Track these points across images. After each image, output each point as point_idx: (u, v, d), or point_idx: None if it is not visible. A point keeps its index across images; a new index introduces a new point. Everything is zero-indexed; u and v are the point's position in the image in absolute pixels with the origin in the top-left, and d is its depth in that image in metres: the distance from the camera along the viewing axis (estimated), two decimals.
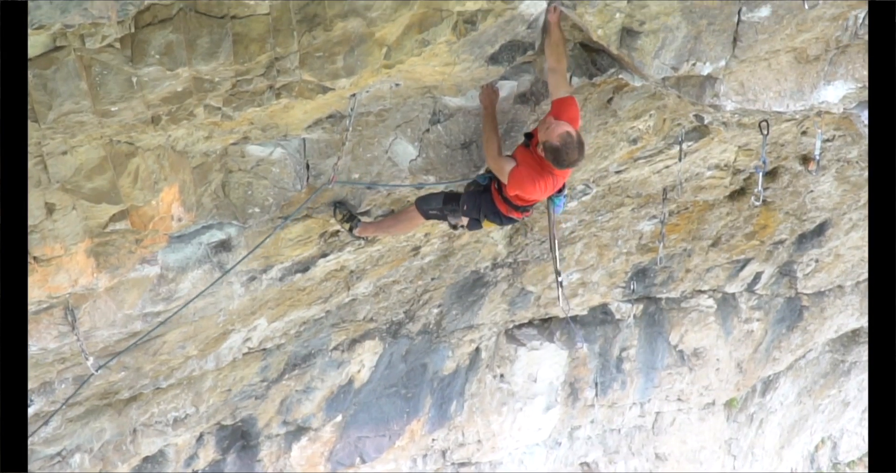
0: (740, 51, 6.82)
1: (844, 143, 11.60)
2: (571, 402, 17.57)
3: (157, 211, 7.21)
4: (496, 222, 8.21)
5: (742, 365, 18.92)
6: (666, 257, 14.29)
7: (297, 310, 10.91)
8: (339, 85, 6.28)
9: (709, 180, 12.06)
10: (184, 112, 6.20)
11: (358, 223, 8.64)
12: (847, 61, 7.37)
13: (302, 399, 13.27)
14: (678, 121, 9.52)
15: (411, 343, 13.93)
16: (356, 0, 5.69)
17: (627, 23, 6.48)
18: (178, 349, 9.81)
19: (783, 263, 16.15)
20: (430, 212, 8.27)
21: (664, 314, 17.06)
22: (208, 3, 5.44)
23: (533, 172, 7.34)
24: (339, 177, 7.88)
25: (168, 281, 8.18)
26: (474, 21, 6.27)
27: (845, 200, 13.79)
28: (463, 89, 7.41)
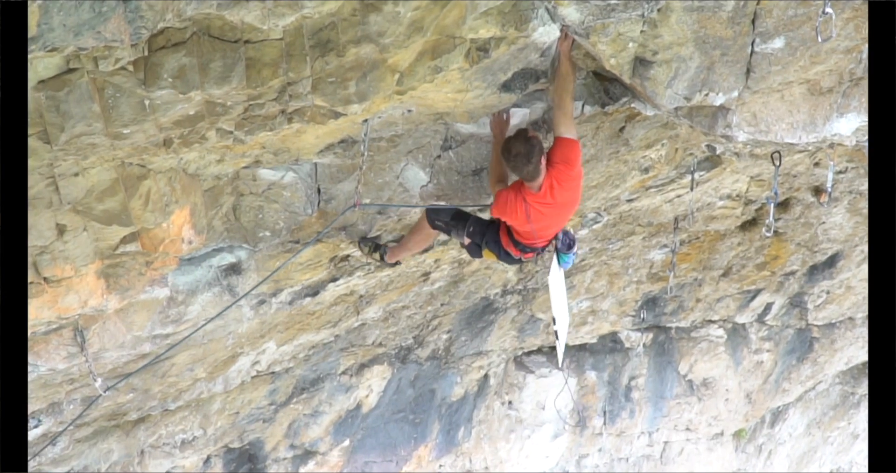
0: (753, 82, 6.80)
1: (857, 175, 11.57)
2: (579, 430, 17.50)
3: (168, 233, 7.21)
4: (494, 252, 8.13)
5: (751, 395, 18.84)
6: (676, 286, 14.26)
7: (306, 334, 10.89)
8: (351, 110, 6.27)
9: (720, 210, 12.04)
10: (196, 135, 6.19)
11: (386, 250, 8.72)
12: (860, 94, 7.35)
13: (310, 423, 13.24)
14: (690, 150, 9.51)
15: (420, 368, 13.90)
16: (369, 26, 5.69)
17: (640, 52, 6.47)
18: (187, 371, 9.80)
19: (794, 294, 16.11)
20: (437, 222, 8.21)
21: (674, 343, 17.01)
22: (222, 28, 5.44)
23: (511, 193, 7.34)
24: (361, 200, 7.87)
25: (177, 304, 8.17)
26: (487, 48, 6.26)
27: (857, 232, 13.75)
28: (475, 116, 7.40)
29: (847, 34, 6.55)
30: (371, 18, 5.65)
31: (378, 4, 5.59)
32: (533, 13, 6.10)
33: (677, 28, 6.26)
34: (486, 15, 5.95)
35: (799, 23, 6.38)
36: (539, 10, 6.09)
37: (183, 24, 5.28)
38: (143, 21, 4.64)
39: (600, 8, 5.83)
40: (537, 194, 7.24)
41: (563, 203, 7.43)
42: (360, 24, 5.67)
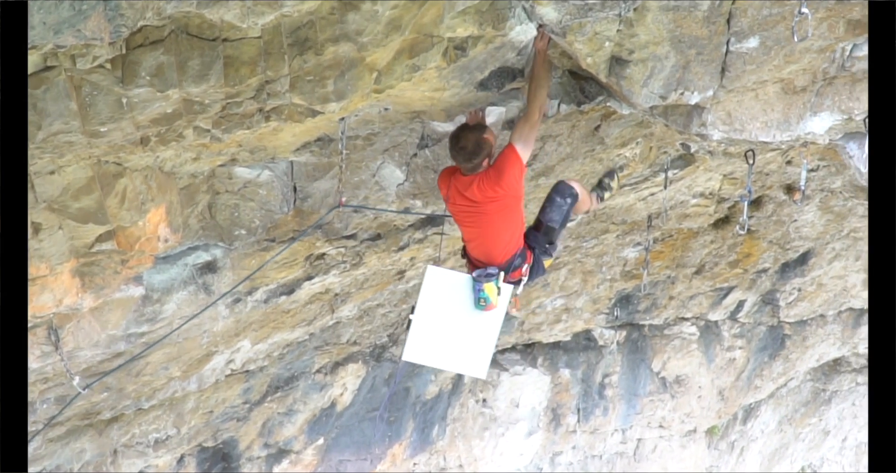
0: (728, 81, 6.83)
1: (829, 173, 11.66)
2: (553, 428, 17.55)
3: (144, 231, 7.20)
4: None
5: (724, 392, 18.94)
6: (650, 284, 14.31)
7: (280, 333, 10.88)
8: (328, 109, 6.27)
9: (694, 208, 12.10)
10: (173, 133, 6.18)
11: None
12: (834, 93, 7.40)
13: (284, 422, 13.22)
14: (664, 149, 9.56)
15: (394, 366, 13.90)
16: (347, 25, 5.69)
17: (617, 51, 6.49)
18: (161, 370, 9.77)
19: (766, 292, 16.20)
20: None
21: (647, 341, 17.08)
22: (200, 26, 5.43)
23: (448, 171, 7.27)
24: (345, 200, 7.88)
25: (153, 302, 8.15)
26: (464, 47, 6.28)
27: (829, 230, 13.85)
28: (452, 115, 7.41)
29: (821, 34, 6.59)
30: (349, 17, 5.65)
31: (356, 3, 5.60)
32: (510, 12, 6.12)
33: (653, 27, 6.29)
34: (463, 14, 5.96)
35: (773, 22, 6.42)
36: (516, 9, 6.11)
37: (162, 23, 5.27)
38: (123, 19, 4.63)
39: (577, 7, 5.85)
40: (462, 180, 7.06)
41: (484, 212, 7.11)
42: (339, 22, 5.67)
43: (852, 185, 12.13)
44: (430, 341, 7.98)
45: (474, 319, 7.77)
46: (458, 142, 6.88)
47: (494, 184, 6.88)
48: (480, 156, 6.85)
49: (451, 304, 7.80)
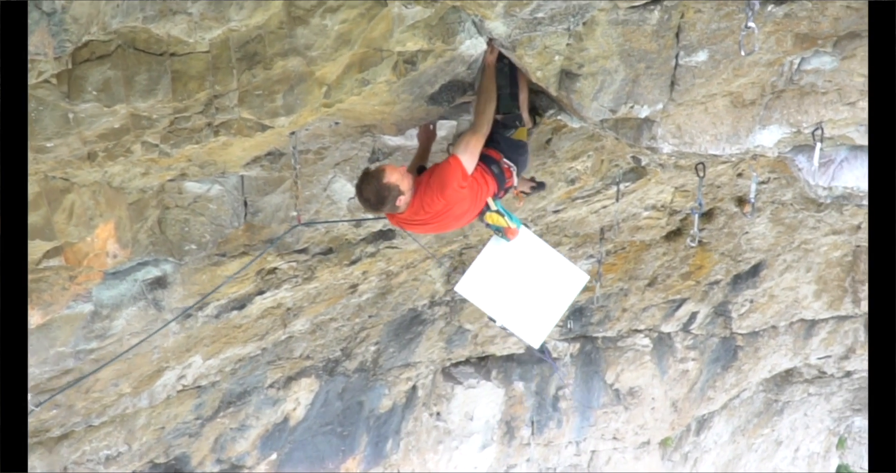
0: (678, 94, 6.87)
1: (779, 186, 11.74)
2: (507, 441, 17.55)
3: (92, 247, 7.13)
4: None
5: (677, 404, 19.02)
6: (603, 296, 14.36)
7: (232, 348, 10.82)
8: (278, 123, 6.24)
9: (645, 220, 12.15)
10: (121, 148, 6.13)
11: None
12: (782, 106, 7.45)
13: (236, 437, 13.14)
14: (616, 162, 9.59)
15: (348, 380, 13.87)
16: (297, 39, 5.67)
17: (566, 65, 6.51)
18: (112, 386, 9.69)
19: (718, 303, 16.30)
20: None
21: (600, 353, 17.13)
22: (147, 41, 5.39)
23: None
24: (302, 216, 7.85)
25: (102, 318, 8.09)
26: (415, 61, 6.27)
27: (780, 242, 13.95)
28: (402, 128, 7.40)
29: (769, 47, 6.63)
30: (298, 31, 5.63)
31: (305, 17, 5.58)
32: (460, 26, 6.12)
33: (602, 41, 6.31)
34: (413, 28, 5.96)
35: (722, 36, 6.46)
36: (466, 24, 6.11)
37: (108, 37, 5.23)
38: (67, 34, 4.59)
39: (527, 21, 5.86)
40: (404, 215, 6.84)
41: (444, 220, 6.96)
42: (288, 36, 5.66)
43: (802, 197, 12.23)
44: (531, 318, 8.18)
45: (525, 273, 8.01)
46: (360, 195, 6.60)
47: (438, 196, 6.69)
48: (388, 202, 6.57)
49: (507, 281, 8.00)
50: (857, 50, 6.95)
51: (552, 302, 8.30)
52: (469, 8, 5.22)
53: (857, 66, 7.17)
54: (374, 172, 6.53)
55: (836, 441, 25.62)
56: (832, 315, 17.67)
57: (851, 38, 6.76)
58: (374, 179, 6.51)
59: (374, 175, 6.53)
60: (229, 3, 5.22)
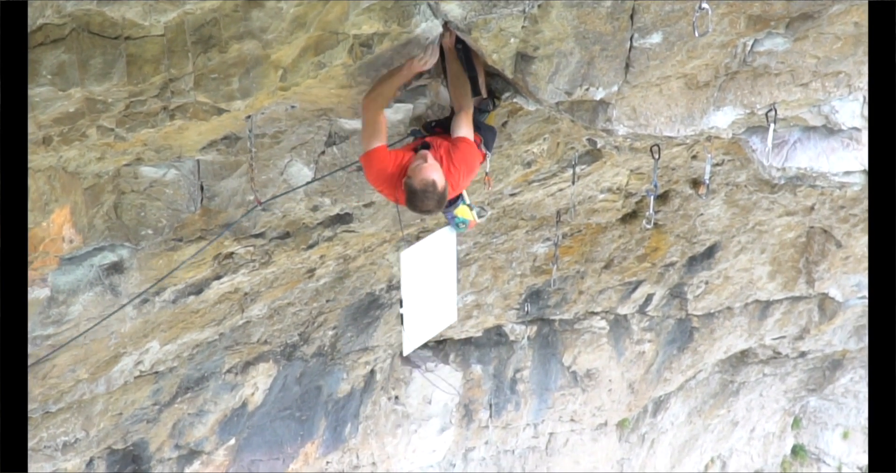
0: (632, 76, 6.91)
1: (733, 167, 11.83)
2: (466, 423, 17.61)
3: (48, 232, 7.10)
4: None
5: (634, 385, 19.14)
6: (559, 279, 14.42)
7: (190, 333, 10.79)
8: (234, 107, 6.23)
9: (601, 203, 12.21)
10: (76, 133, 6.11)
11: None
12: (736, 87, 7.52)
13: (194, 423, 13.11)
14: (572, 144, 9.63)
15: (306, 365, 13.86)
16: (252, 22, 5.67)
17: (522, 48, 6.53)
18: (69, 372, 9.64)
19: (674, 285, 16.40)
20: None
21: (557, 335, 17.20)
22: (102, 24, 5.37)
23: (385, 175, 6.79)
24: (260, 197, 7.86)
25: (58, 304, 8.05)
26: (370, 44, 6.27)
27: (734, 223, 14.05)
28: (359, 111, 7.40)
29: (722, 29, 6.69)
30: (253, 14, 5.63)
31: (260, 1, 5.58)
32: (415, 9, 6.12)
33: (557, 24, 6.33)
34: (368, 11, 5.96)
35: (676, 18, 6.50)
36: (421, 6, 6.12)
37: (62, 21, 5.21)
38: None
39: (482, 4, 5.89)
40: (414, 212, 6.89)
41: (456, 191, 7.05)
42: (243, 19, 5.65)
43: (756, 179, 12.33)
44: (419, 322, 8.15)
45: (442, 272, 8.14)
46: (420, 208, 6.61)
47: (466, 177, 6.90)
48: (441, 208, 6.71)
49: (430, 272, 8.04)
50: (809, 31, 7.02)
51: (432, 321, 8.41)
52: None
53: (809, 48, 7.24)
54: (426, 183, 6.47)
55: (792, 421, 25.88)
56: (786, 295, 17.82)
57: (804, 20, 6.83)
58: (431, 191, 6.49)
59: (429, 187, 6.47)
60: None
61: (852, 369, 22.91)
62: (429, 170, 6.51)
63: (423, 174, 6.48)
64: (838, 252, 15.81)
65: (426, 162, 6.56)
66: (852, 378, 23.48)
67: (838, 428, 26.01)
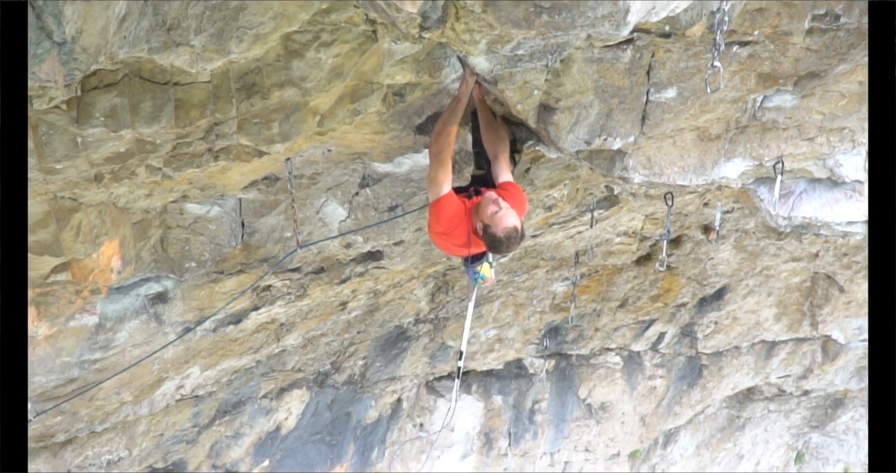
0: (648, 128, 6.88)
1: (742, 215, 11.76)
2: (486, 451, 17.48)
3: (98, 263, 7.12)
4: None
5: (645, 418, 18.98)
6: (577, 316, 14.34)
7: (228, 360, 10.78)
8: (274, 149, 6.25)
9: (618, 246, 12.15)
10: (126, 171, 6.13)
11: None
12: (746, 140, 7.48)
13: (231, 445, 13.07)
14: (590, 190, 9.60)
15: (337, 392, 13.81)
16: (292, 71, 5.69)
17: (544, 99, 6.52)
18: (114, 395, 9.64)
19: (685, 324, 16.28)
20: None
21: (574, 369, 17.09)
22: (152, 70, 5.40)
23: (455, 219, 6.53)
24: (301, 239, 7.85)
25: (106, 331, 8.06)
26: (403, 93, 6.29)
27: (743, 268, 13.95)
28: (391, 156, 7.41)
29: (734, 85, 6.66)
30: (294, 64, 5.65)
31: (301, 51, 5.60)
32: (445, 61, 6.14)
33: (578, 77, 6.32)
34: (401, 62, 5.98)
35: (690, 74, 6.48)
36: (451, 59, 6.13)
37: (115, 67, 5.24)
38: (76, 63, 4.58)
39: (508, 58, 5.87)
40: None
41: None
42: (284, 69, 5.67)
43: (764, 226, 12.25)
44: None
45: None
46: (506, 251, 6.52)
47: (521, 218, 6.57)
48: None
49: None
50: (815, 89, 6.99)
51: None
52: (454, 44, 5.23)
53: (815, 104, 7.21)
54: (509, 230, 6.29)
55: (795, 455, 25.58)
56: (791, 337, 17.66)
57: (811, 78, 6.80)
58: (515, 236, 6.32)
59: (512, 233, 6.30)
60: (230, 36, 5.23)
61: (853, 408, 22.63)
62: (507, 216, 6.27)
63: (504, 222, 6.25)
64: (841, 296, 15.66)
65: (500, 207, 6.30)
66: (853, 416, 23.18)
67: (839, 464, 25.67)
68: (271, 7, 5.18)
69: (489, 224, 6.27)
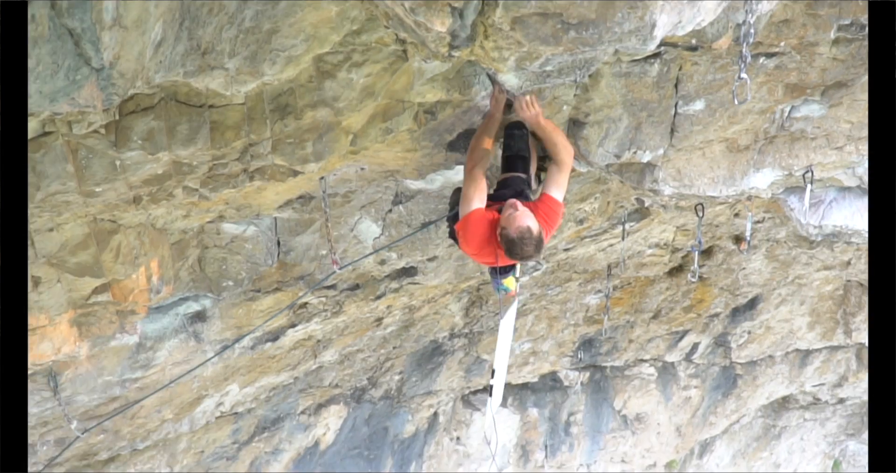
0: (677, 140, 6.88)
1: (773, 225, 11.71)
2: (523, 464, 17.44)
3: (137, 284, 7.17)
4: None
5: (681, 429, 18.88)
6: (610, 328, 14.32)
7: (267, 377, 10.82)
8: (308, 169, 6.28)
9: (649, 258, 12.12)
10: (163, 193, 6.18)
11: None
12: (774, 150, 7.46)
13: (270, 460, 13.10)
14: (621, 203, 9.59)
15: (374, 407, 13.83)
16: (325, 92, 5.72)
17: (574, 114, 6.53)
18: (155, 413, 9.70)
19: (718, 334, 16.20)
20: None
21: (609, 381, 17.04)
22: (188, 94, 5.45)
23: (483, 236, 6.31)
24: (337, 258, 7.89)
25: (146, 350, 8.11)
26: (434, 111, 6.30)
27: (775, 277, 13.88)
28: (423, 173, 7.42)
29: (761, 96, 6.65)
30: (326, 84, 5.68)
31: (333, 72, 5.63)
32: (475, 79, 6.15)
33: (607, 92, 6.33)
34: (432, 81, 6.00)
35: (718, 86, 6.48)
36: (481, 76, 6.15)
37: (152, 91, 5.29)
38: (114, 88, 4.63)
39: (536, 74, 5.88)
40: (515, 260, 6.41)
41: None
42: (317, 89, 5.70)
43: (795, 235, 12.19)
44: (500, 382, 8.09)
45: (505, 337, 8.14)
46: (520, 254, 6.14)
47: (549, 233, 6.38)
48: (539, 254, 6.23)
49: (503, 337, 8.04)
50: (843, 98, 6.96)
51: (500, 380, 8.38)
52: (483, 62, 5.24)
53: (843, 113, 7.18)
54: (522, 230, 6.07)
55: (832, 464, 25.38)
56: (825, 345, 17.54)
57: (838, 88, 6.78)
58: (528, 237, 6.06)
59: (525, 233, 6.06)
60: (263, 59, 5.27)
61: None
62: (522, 217, 6.07)
63: (517, 222, 6.06)
64: None
65: (517, 210, 6.12)
66: None
67: None
68: (303, 29, 5.22)
69: (504, 226, 6.11)
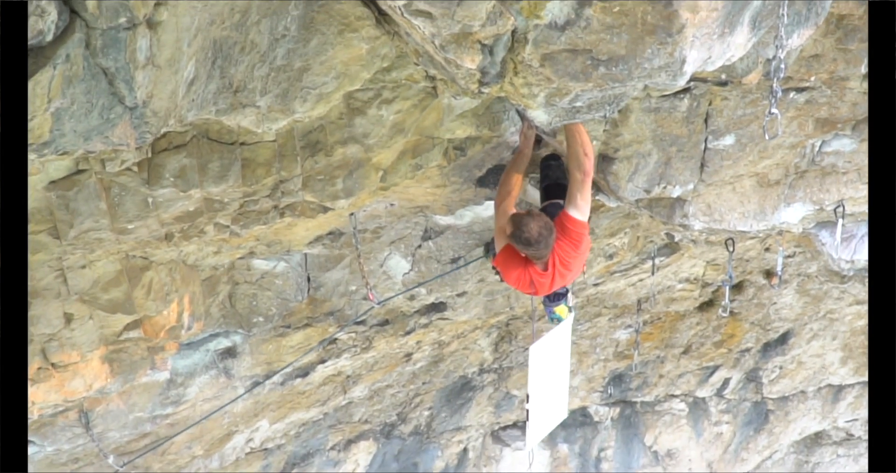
0: (707, 175, 6.87)
1: (804, 259, 11.64)
2: None
3: (169, 320, 7.19)
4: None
5: (712, 465, 18.71)
6: (641, 363, 14.24)
7: (296, 412, 10.81)
8: (338, 205, 6.30)
9: (680, 292, 12.07)
10: (195, 229, 6.21)
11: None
12: (805, 185, 7.44)
13: None
14: (651, 238, 9.57)
15: (403, 443, 13.78)
16: (355, 128, 5.74)
17: (603, 149, 6.53)
18: (185, 449, 9.69)
19: (749, 370, 16.09)
20: None
21: (639, 416, 16.93)
22: (219, 131, 5.49)
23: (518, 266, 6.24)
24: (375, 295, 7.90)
25: (177, 386, 8.12)
26: (463, 147, 6.32)
27: (806, 312, 13.79)
28: (452, 209, 7.44)
29: (791, 131, 6.64)
30: (357, 121, 5.70)
31: (363, 109, 5.65)
32: (505, 115, 6.17)
33: (636, 127, 6.33)
34: (461, 117, 6.02)
35: (748, 121, 6.47)
36: (510, 112, 6.16)
37: (184, 128, 5.32)
38: (147, 126, 4.66)
39: (566, 110, 5.89)
40: (542, 272, 6.24)
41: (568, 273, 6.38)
42: (347, 126, 5.73)
43: (827, 270, 12.11)
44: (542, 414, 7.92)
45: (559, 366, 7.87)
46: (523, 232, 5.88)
47: (573, 253, 6.20)
48: (551, 240, 5.98)
49: (549, 366, 7.78)
50: None
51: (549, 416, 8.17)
52: (513, 98, 5.26)
53: None
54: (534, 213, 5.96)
55: None
56: (858, 380, 17.39)
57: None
58: (538, 217, 5.90)
59: (535, 215, 5.92)
60: (294, 96, 5.30)
61: None
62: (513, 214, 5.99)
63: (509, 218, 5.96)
64: None
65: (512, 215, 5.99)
66: None
67: None
68: (334, 67, 5.25)
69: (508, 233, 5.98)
